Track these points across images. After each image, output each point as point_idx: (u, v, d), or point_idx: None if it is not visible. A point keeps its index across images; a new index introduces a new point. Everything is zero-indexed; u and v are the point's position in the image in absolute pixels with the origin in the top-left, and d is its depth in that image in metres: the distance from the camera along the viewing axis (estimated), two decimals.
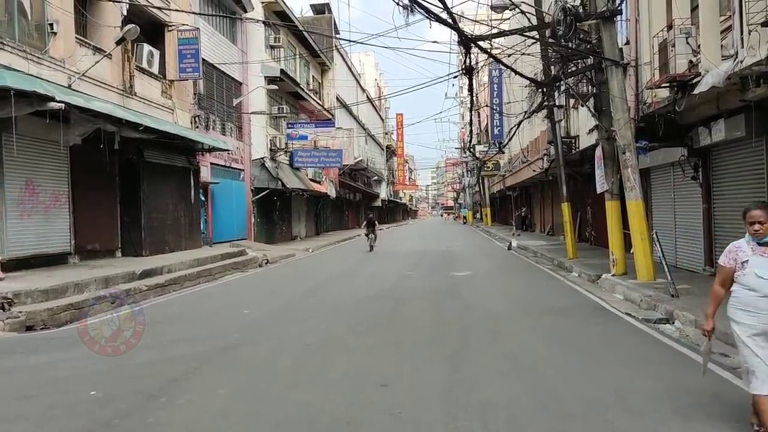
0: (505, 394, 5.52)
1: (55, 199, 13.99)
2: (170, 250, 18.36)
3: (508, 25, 28.79)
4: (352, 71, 53.06)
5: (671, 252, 14.28)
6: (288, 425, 4.90)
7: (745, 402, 5.29)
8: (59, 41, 13.83)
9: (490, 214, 58.01)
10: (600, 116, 13.81)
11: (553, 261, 18.41)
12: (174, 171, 19.23)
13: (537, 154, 28.40)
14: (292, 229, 33.79)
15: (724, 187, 12.38)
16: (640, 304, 10.27)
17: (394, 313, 10.14)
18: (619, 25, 13.99)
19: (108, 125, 14.10)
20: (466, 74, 15.68)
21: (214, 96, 23.72)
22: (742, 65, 8.78)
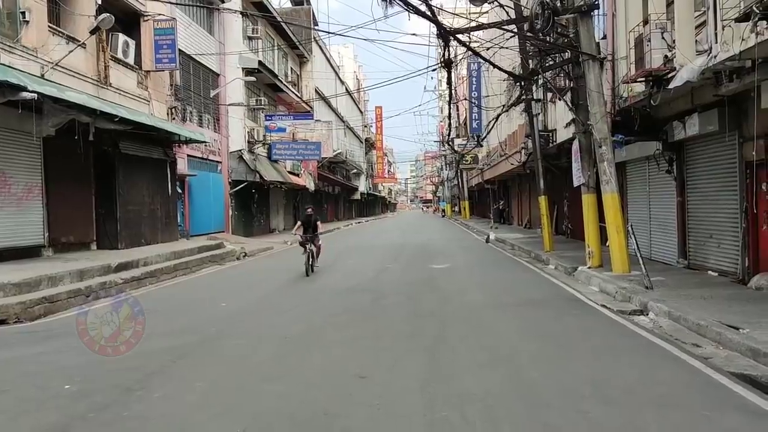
0: (482, 385, 5.56)
1: (28, 191, 13.75)
2: (147, 243, 18.17)
3: (487, 18, 28.86)
4: (331, 63, 52.80)
5: (646, 245, 14.48)
6: (266, 417, 4.89)
7: (716, 391, 5.41)
8: (31, 30, 13.55)
9: (468, 208, 58.24)
10: (577, 110, 13.92)
11: (530, 254, 18.56)
12: (150, 163, 19.00)
13: (515, 147, 28.55)
14: (270, 222, 33.63)
15: (697, 180, 12.57)
16: (615, 296, 10.40)
17: (372, 306, 10.16)
18: (596, 20, 14.09)
19: (82, 116, 13.88)
20: (444, 67, 15.67)
21: (191, 87, 23.45)
22: (715, 60, 8.90)
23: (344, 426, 4.67)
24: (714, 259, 11.91)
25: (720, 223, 11.66)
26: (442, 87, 55.61)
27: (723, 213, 11.55)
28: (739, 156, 10.81)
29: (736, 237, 11.02)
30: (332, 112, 49.40)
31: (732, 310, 8.14)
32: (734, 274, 11.04)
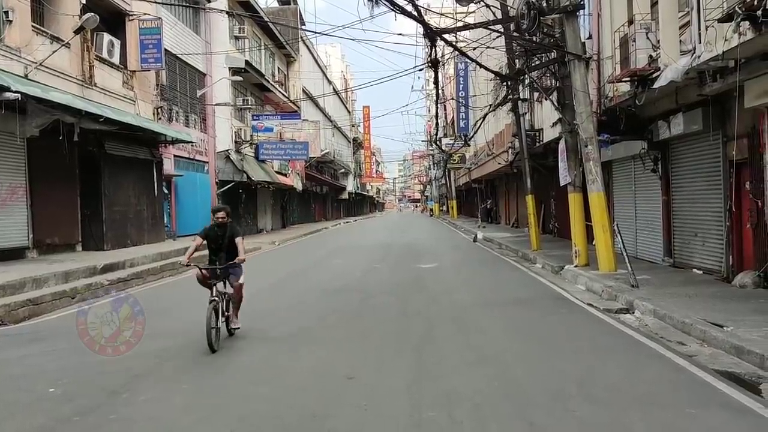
0: (469, 384, 5.58)
1: (11, 192, 13.61)
2: (133, 244, 18.04)
3: (473, 18, 28.91)
4: (318, 63, 52.70)
5: (632, 243, 14.57)
6: (253, 420, 4.87)
7: (701, 388, 5.46)
8: (15, 30, 13.41)
9: (456, 207, 58.35)
10: (563, 109, 13.97)
11: (517, 253, 18.63)
12: (136, 163, 18.87)
13: (502, 147, 28.63)
14: (258, 223, 33.49)
15: (682, 179, 12.67)
16: (602, 294, 10.46)
17: (360, 306, 10.15)
18: (581, 20, 14.16)
19: (67, 116, 13.76)
20: (431, 67, 15.71)
21: (177, 87, 23.31)
22: (699, 60, 8.98)
23: (332, 427, 4.66)
24: (699, 258, 12.02)
25: (705, 221, 11.76)
26: (430, 86, 55.65)
27: (707, 212, 11.65)
28: (723, 155, 10.90)
29: (720, 235, 11.11)
30: (320, 112, 49.30)
31: (716, 308, 8.21)
32: (719, 272, 11.14)
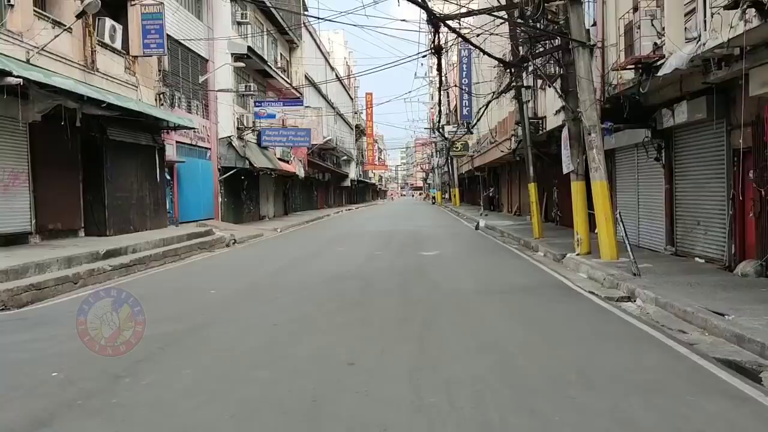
0: (470, 371, 5.59)
1: (14, 177, 13.60)
2: (135, 230, 18.06)
3: (477, 4, 28.72)
4: (321, 49, 52.45)
5: (634, 232, 14.56)
6: (253, 404, 4.90)
7: (701, 376, 5.47)
8: (16, 14, 13.34)
9: (458, 195, 58.33)
10: (567, 97, 13.91)
11: (519, 241, 18.62)
12: (138, 149, 18.84)
13: (505, 134, 28.56)
14: (260, 209, 33.50)
15: (686, 168, 12.63)
16: (603, 282, 10.47)
17: (362, 293, 10.16)
18: (586, 7, 14.05)
19: (69, 102, 13.72)
20: (434, 53, 15.63)
21: (179, 73, 23.23)
22: (704, 48, 8.92)
23: (332, 412, 4.68)
24: (701, 246, 12.01)
25: (707, 210, 11.74)
26: (433, 73, 55.39)
27: (710, 200, 11.62)
28: (727, 144, 10.86)
29: (723, 224, 11.10)
30: (322, 99, 49.14)
31: (718, 297, 8.22)
32: (721, 261, 11.13)
